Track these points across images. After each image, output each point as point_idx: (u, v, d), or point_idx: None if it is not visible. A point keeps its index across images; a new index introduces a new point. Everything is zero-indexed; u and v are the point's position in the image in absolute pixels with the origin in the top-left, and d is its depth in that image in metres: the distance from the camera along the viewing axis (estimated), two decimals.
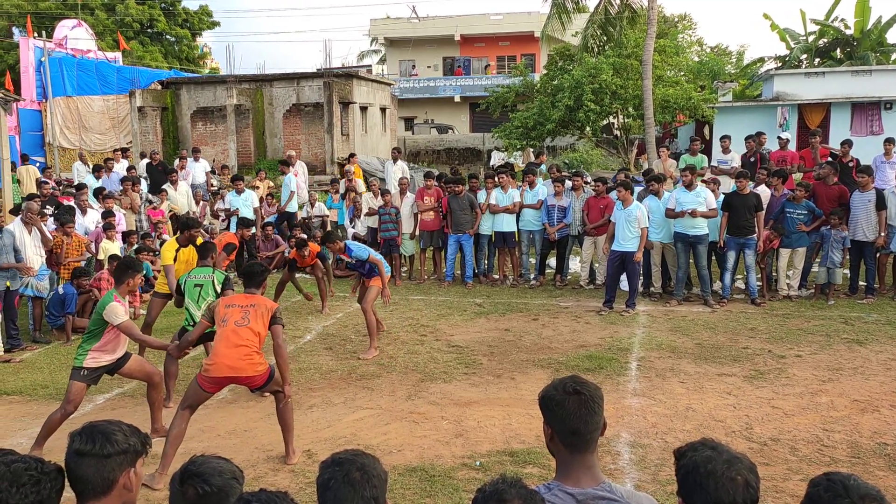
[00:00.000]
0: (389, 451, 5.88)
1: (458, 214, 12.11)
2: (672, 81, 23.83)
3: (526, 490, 2.04)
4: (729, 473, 2.11)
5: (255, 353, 5.67)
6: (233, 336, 5.63)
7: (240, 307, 5.77)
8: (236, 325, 5.66)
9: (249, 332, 5.65)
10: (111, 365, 6.20)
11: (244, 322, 5.67)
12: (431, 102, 41.83)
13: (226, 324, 5.69)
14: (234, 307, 5.78)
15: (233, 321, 5.69)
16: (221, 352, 5.63)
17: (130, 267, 6.27)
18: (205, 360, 5.84)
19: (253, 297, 5.86)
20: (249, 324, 5.67)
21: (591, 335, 9.30)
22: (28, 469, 2.18)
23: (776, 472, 5.42)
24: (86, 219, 11.80)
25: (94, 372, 6.11)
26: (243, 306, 5.76)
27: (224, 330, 5.68)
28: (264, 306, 5.78)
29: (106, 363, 6.14)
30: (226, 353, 5.61)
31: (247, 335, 5.64)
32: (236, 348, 5.60)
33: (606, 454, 5.75)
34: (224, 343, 5.64)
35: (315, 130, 24.99)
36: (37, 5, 36.22)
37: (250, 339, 5.65)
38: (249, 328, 5.66)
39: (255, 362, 5.66)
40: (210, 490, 2.19)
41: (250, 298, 5.85)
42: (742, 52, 42.43)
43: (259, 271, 6.08)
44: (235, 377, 5.73)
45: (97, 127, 26.33)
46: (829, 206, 10.76)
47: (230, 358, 5.60)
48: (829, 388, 7.23)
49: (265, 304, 5.82)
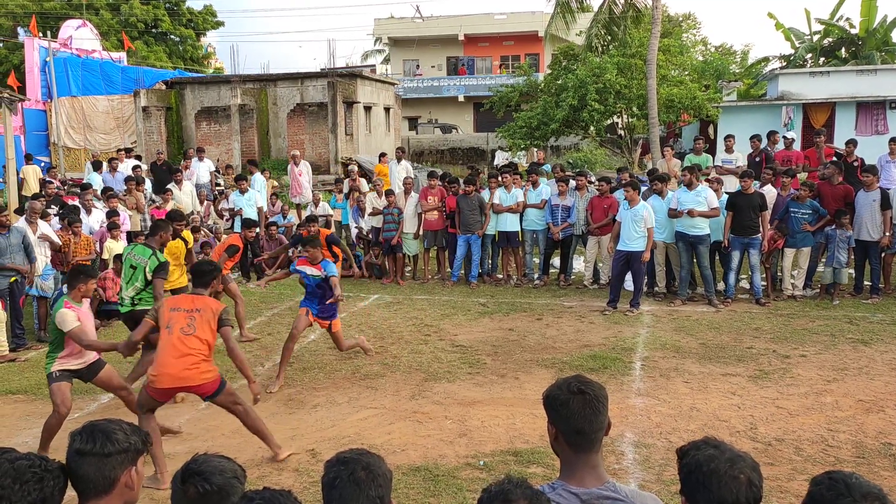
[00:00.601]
0: (393, 451, 5.88)
1: (466, 214, 12.10)
2: (676, 81, 23.81)
3: (531, 490, 2.04)
4: (732, 472, 2.10)
5: (202, 362, 5.48)
6: (178, 345, 5.42)
7: (185, 312, 5.54)
8: (182, 332, 5.45)
9: (196, 341, 5.45)
10: (81, 370, 6.11)
11: (190, 330, 5.46)
12: (435, 102, 41.84)
13: (171, 331, 5.47)
14: (180, 311, 5.55)
15: (178, 328, 5.46)
16: (167, 361, 5.43)
17: (83, 272, 6.13)
18: (150, 371, 5.61)
19: (198, 300, 5.63)
20: (196, 332, 5.46)
21: (595, 335, 9.29)
22: (32, 466, 2.20)
23: (781, 472, 5.41)
24: (90, 218, 11.82)
25: (65, 373, 6.03)
26: (189, 311, 5.54)
27: (170, 338, 5.46)
28: (210, 310, 5.57)
29: (75, 367, 6.05)
30: (171, 363, 5.42)
31: (193, 344, 5.44)
32: (182, 358, 5.40)
33: (610, 454, 5.74)
34: (169, 352, 5.44)
35: (319, 130, 25.02)
36: (41, 5, 36.31)
37: (197, 347, 5.45)
38: (196, 336, 5.45)
39: (202, 371, 5.47)
40: (211, 489, 2.19)
41: (196, 301, 5.63)
42: (747, 52, 42.36)
43: (208, 270, 5.91)
44: (182, 387, 5.56)
45: (102, 127, 26.40)
46: (835, 206, 10.73)
47: (175, 368, 5.40)
48: (834, 388, 7.20)
49: (210, 307, 5.60)
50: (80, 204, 12.17)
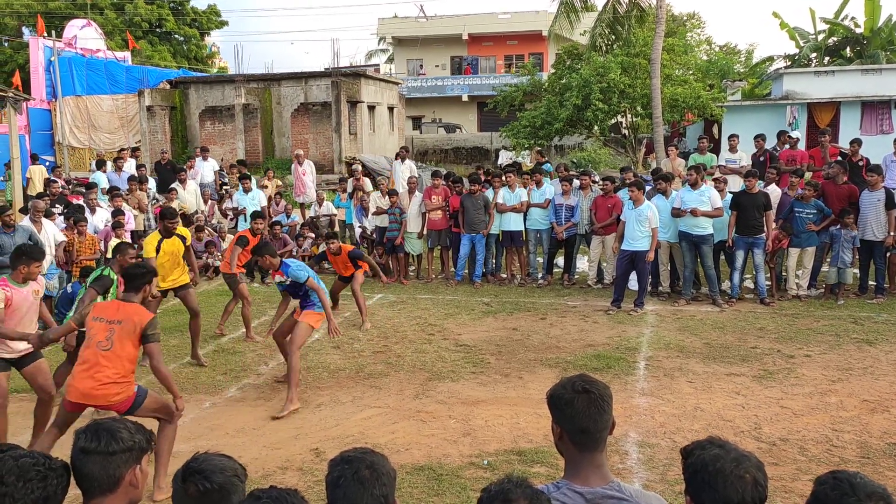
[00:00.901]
0: (397, 450, 5.88)
1: (472, 214, 12.09)
2: (681, 80, 23.79)
3: (532, 490, 2.03)
4: (737, 472, 2.09)
5: (114, 383, 5.04)
6: (92, 359, 5.06)
7: (106, 323, 5.13)
8: (98, 347, 5.07)
9: (112, 358, 5.05)
10: (16, 359, 5.94)
11: (107, 345, 5.06)
12: (439, 101, 41.86)
13: (88, 344, 5.14)
14: (101, 322, 5.15)
15: (95, 342, 5.10)
16: (77, 374, 5.12)
17: (26, 254, 5.91)
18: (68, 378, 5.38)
19: (123, 309, 5.20)
20: (113, 348, 5.06)
21: (600, 334, 9.28)
22: (35, 464, 2.21)
23: (785, 472, 5.40)
24: (95, 217, 11.84)
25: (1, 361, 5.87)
26: (110, 322, 5.12)
27: (85, 351, 5.14)
28: (132, 322, 5.11)
29: (8, 354, 5.88)
30: (80, 378, 5.07)
31: (108, 361, 5.04)
32: (92, 375, 5.03)
33: (615, 453, 5.74)
34: (82, 366, 5.11)
35: (323, 129, 25.04)
36: (46, 5, 36.39)
37: (113, 365, 5.04)
38: (113, 353, 5.06)
39: (111, 392, 5.05)
40: (211, 487, 2.20)
41: (121, 311, 5.19)
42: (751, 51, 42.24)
43: (141, 273, 5.42)
44: (89, 404, 5.20)
45: (106, 126, 26.46)
46: (839, 206, 10.70)
47: (84, 384, 5.04)
48: (839, 388, 7.19)
49: (135, 318, 5.13)
50: (84, 203, 12.19)
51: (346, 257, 9.92)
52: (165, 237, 8.45)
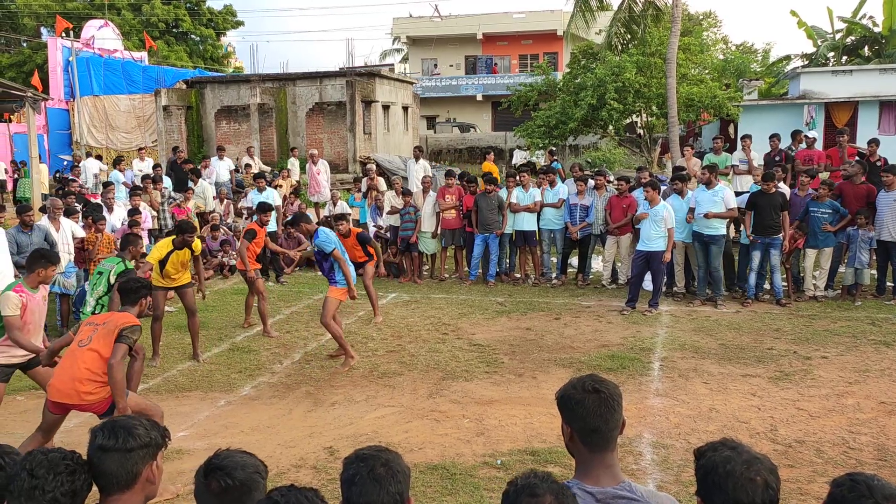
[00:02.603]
0: (411, 449, 5.89)
1: (485, 214, 12.08)
2: (696, 80, 23.66)
3: (557, 485, 2.03)
4: (748, 474, 2.08)
5: (88, 381, 5.02)
6: (69, 358, 5.11)
7: (93, 326, 5.22)
8: (79, 345, 5.12)
9: (89, 355, 5.06)
10: (24, 363, 6.03)
11: (87, 342, 5.10)
12: (453, 101, 41.85)
13: (73, 342, 5.22)
14: (90, 325, 5.24)
15: (77, 340, 5.18)
16: (56, 373, 5.18)
17: (43, 257, 5.97)
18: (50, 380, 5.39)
19: (111, 316, 5.32)
20: (90, 344, 5.08)
21: (614, 335, 9.25)
22: (64, 459, 2.29)
23: (801, 475, 5.36)
24: (112, 216, 11.94)
25: (5, 369, 6.00)
26: (97, 325, 5.20)
27: (68, 350, 5.21)
28: (115, 323, 5.13)
29: (17, 360, 5.97)
30: (57, 375, 5.13)
31: (84, 358, 5.05)
32: (67, 371, 5.07)
33: (628, 454, 5.72)
34: (61, 364, 5.19)
35: (338, 129, 25.09)
36: (65, 6, 36.74)
37: (89, 362, 5.04)
38: (90, 349, 5.07)
39: (84, 391, 5.02)
40: (233, 484, 2.21)
41: (112, 316, 5.29)
42: (768, 50, 41.99)
43: (135, 287, 5.51)
44: (63, 403, 5.12)
45: (123, 126, 26.67)
46: (857, 206, 10.60)
47: (59, 381, 5.08)
48: (856, 389, 7.13)
49: (118, 321, 5.16)
50: (102, 202, 12.30)
51: (356, 240, 9.92)
52: (178, 249, 8.45)
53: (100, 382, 5.06)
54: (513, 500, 2.01)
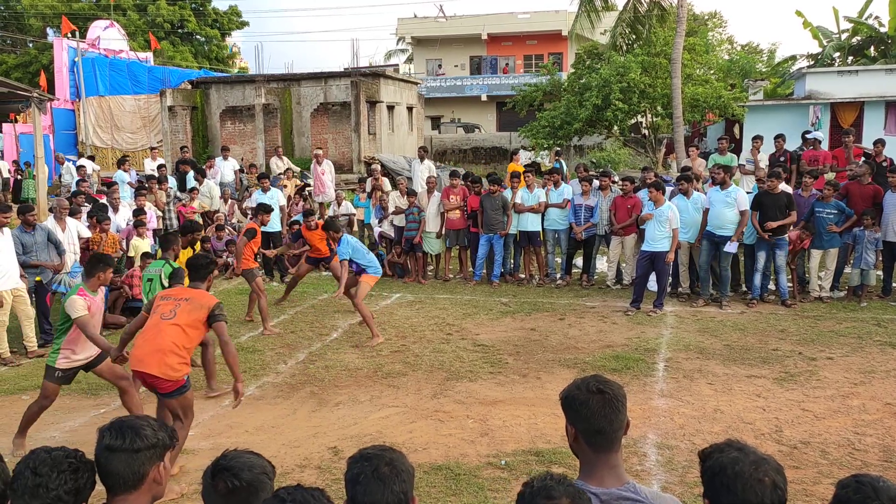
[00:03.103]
0: (415, 449, 5.89)
1: (490, 214, 12.08)
2: (702, 80, 23.62)
3: (574, 488, 2.03)
4: (756, 475, 2.08)
5: (171, 353, 5.20)
6: (153, 329, 5.29)
7: (173, 300, 5.42)
8: (161, 318, 5.31)
9: (173, 329, 5.25)
10: (86, 364, 6.17)
11: (170, 316, 5.29)
12: (458, 101, 41.86)
13: (154, 315, 5.38)
14: (168, 300, 5.44)
15: (159, 314, 5.34)
16: (137, 343, 5.37)
17: (102, 261, 6.15)
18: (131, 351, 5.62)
19: (191, 292, 5.53)
20: (175, 318, 5.28)
21: (618, 335, 9.24)
22: (68, 457, 2.32)
23: (806, 476, 5.35)
24: (117, 216, 11.97)
25: (67, 372, 6.13)
26: (177, 299, 5.41)
27: (149, 321, 5.39)
28: (199, 302, 5.38)
29: (80, 362, 6.11)
30: (139, 345, 5.31)
31: (169, 331, 5.24)
32: (151, 342, 5.24)
33: (633, 455, 5.71)
34: (143, 335, 5.36)
35: (342, 129, 25.13)
36: (70, 6, 36.86)
37: (172, 335, 5.24)
38: (174, 323, 5.26)
39: (167, 363, 5.19)
40: (240, 484, 2.22)
41: (188, 292, 5.52)
42: (773, 50, 41.90)
43: (204, 264, 5.81)
44: (142, 372, 5.25)
45: (129, 126, 26.74)
46: (863, 206, 10.57)
47: (142, 350, 5.25)
48: (861, 391, 7.11)
49: (202, 299, 5.42)
50: (108, 202, 12.33)
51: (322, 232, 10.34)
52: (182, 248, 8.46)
53: (181, 358, 5.26)
54: (528, 501, 2.01)
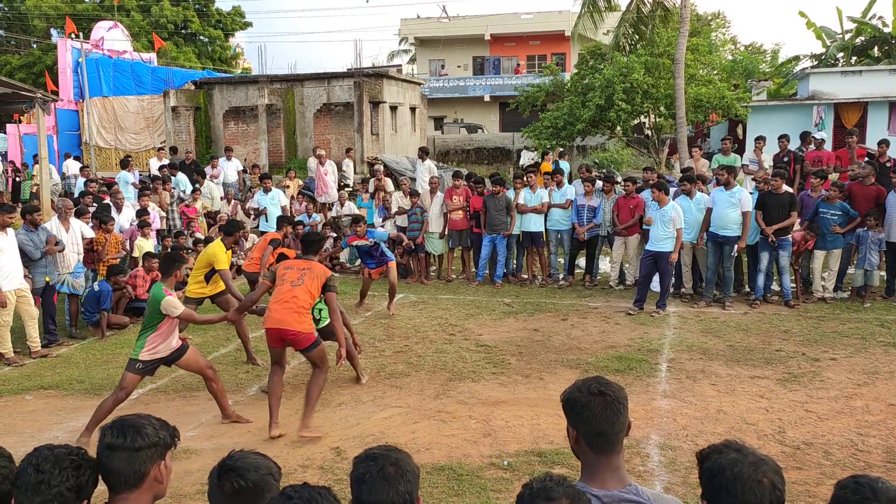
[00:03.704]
0: (417, 450, 5.89)
1: (493, 215, 12.09)
2: (705, 80, 23.58)
3: (573, 489, 2.03)
4: (755, 476, 2.07)
5: (306, 312, 6.20)
6: (287, 293, 6.17)
7: (297, 269, 6.31)
8: (292, 284, 6.20)
9: (303, 291, 6.16)
10: (168, 356, 6.40)
11: (299, 282, 6.19)
12: (461, 102, 41.84)
13: (283, 282, 6.25)
14: (293, 269, 6.34)
15: (289, 281, 6.23)
16: (273, 307, 6.20)
17: (177, 259, 6.62)
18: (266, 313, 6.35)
19: (309, 263, 6.38)
20: (304, 284, 6.18)
21: (621, 336, 9.23)
22: (70, 454, 2.33)
23: (809, 477, 5.34)
24: (121, 217, 11.98)
25: (149, 364, 6.33)
26: (301, 269, 6.31)
27: (280, 288, 6.24)
28: (318, 271, 6.30)
29: (162, 355, 6.35)
30: (277, 308, 6.16)
31: (300, 293, 6.16)
32: (287, 303, 6.13)
33: (636, 456, 5.71)
34: (278, 298, 6.21)
35: (345, 130, 25.16)
36: (74, 7, 36.93)
37: (303, 297, 6.16)
38: (304, 288, 6.17)
39: (303, 320, 6.17)
40: (246, 485, 2.23)
41: (307, 263, 6.37)
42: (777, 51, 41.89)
43: (317, 239, 6.77)
44: (283, 329, 6.15)
45: (132, 126, 26.76)
46: (866, 207, 10.55)
47: (280, 312, 6.13)
48: (865, 391, 7.10)
49: (319, 269, 6.34)
50: (111, 202, 12.34)
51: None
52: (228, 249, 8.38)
53: (309, 315, 6.27)
54: (528, 503, 2.01)
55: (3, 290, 8.59)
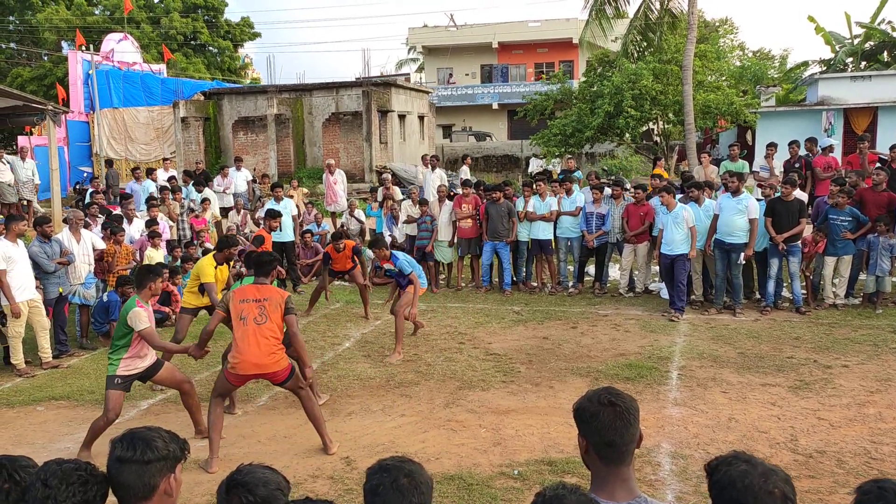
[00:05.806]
0: (427, 459, 5.87)
1: (495, 221, 12.09)
2: (713, 86, 23.54)
3: (586, 498, 2.02)
4: (766, 487, 2.05)
5: (279, 350, 5.92)
6: (257, 334, 5.83)
7: (255, 302, 5.92)
8: (257, 323, 5.85)
9: (270, 330, 5.86)
10: (143, 372, 6.31)
11: (262, 320, 5.86)
12: (469, 110, 41.92)
13: (245, 322, 5.86)
14: (249, 302, 5.92)
15: (252, 318, 5.86)
16: (246, 350, 5.83)
17: (151, 271, 6.40)
18: (230, 356, 6.01)
19: (265, 290, 6.01)
20: (267, 321, 5.87)
21: (631, 344, 9.20)
22: (78, 470, 2.32)
23: (822, 485, 5.30)
24: (131, 227, 12.04)
25: (127, 380, 6.23)
26: (258, 300, 5.92)
27: (246, 329, 5.85)
28: (276, 299, 5.95)
29: (138, 370, 6.26)
30: (251, 352, 5.82)
31: (269, 332, 5.86)
32: (260, 346, 5.82)
33: (647, 464, 5.68)
34: (248, 341, 5.84)
35: (354, 139, 25.23)
36: (85, 20, 37.24)
37: (273, 334, 5.88)
38: (269, 325, 5.87)
39: (279, 359, 5.91)
40: (254, 500, 2.23)
41: (262, 291, 5.99)
42: (785, 56, 41.72)
43: (268, 260, 6.28)
44: (261, 374, 5.98)
45: (142, 137, 26.93)
46: (877, 213, 10.49)
47: (255, 356, 5.83)
48: (878, 399, 7.04)
49: (276, 295, 5.99)
50: (122, 213, 12.41)
51: (350, 251, 10.75)
52: (219, 264, 8.25)
53: (281, 351, 5.96)
54: None
55: (16, 301, 8.64)
